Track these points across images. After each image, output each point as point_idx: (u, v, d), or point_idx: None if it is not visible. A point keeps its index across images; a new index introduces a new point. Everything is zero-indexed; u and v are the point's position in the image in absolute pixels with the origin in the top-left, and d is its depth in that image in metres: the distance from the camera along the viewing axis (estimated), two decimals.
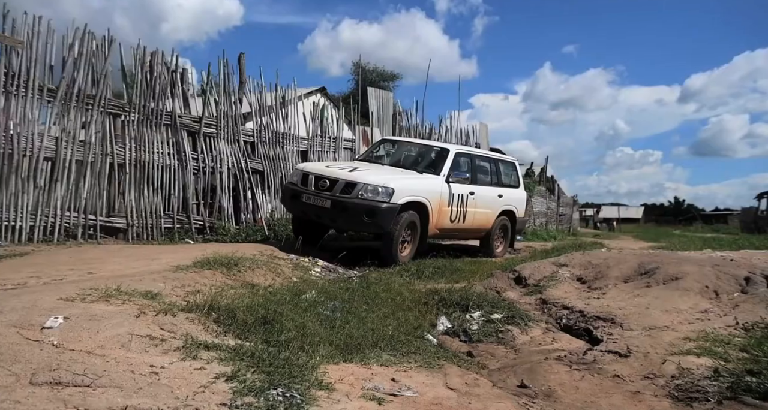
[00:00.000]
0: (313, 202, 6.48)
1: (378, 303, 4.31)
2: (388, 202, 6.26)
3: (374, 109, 11.90)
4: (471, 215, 7.80)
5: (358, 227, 6.75)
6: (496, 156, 9.48)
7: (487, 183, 8.41)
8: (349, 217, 6.31)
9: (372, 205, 6.20)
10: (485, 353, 3.71)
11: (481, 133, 14.93)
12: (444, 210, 7.23)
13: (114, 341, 2.42)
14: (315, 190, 6.49)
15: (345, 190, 6.31)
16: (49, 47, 6.34)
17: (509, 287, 5.58)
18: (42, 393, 1.74)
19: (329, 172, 6.63)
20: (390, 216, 6.32)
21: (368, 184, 6.27)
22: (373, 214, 6.20)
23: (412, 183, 6.90)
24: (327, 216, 6.49)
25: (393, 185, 6.31)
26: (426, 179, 7.19)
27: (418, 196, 6.74)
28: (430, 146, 8.39)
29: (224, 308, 3.28)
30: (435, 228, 7.16)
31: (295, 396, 2.22)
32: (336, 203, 6.29)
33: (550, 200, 20.39)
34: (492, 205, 8.37)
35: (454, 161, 7.58)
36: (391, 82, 22.44)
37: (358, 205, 6.19)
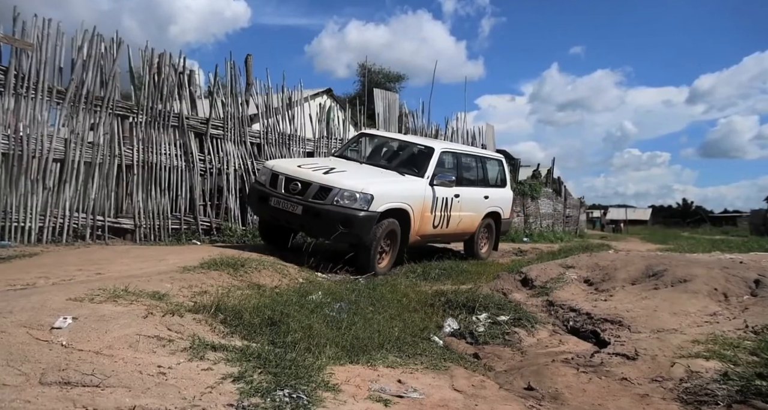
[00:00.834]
0: (283, 206, 5.84)
1: (384, 304, 4.31)
2: (366, 210, 5.64)
3: (380, 110, 11.90)
4: (455, 219, 7.23)
5: (332, 236, 5.90)
6: (482, 153, 8.79)
7: (472, 183, 7.83)
8: (322, 226, 5.71)
9: (348, 214, 5.59)
10: (492, 355, 3.70)
11: (487, 134, 14.90)
12: (426, 217, 6.65)
13: (122, 341, 2.44)
14: (285, 193, 5.86)
15: (319, 195, 5.69)
16: (59, 49, 6.39)
17: (516, 289, 5.56)
18: (51, 393, 1.76)
19: (302, 173, 5.95)
20: (368, 226, 5.70)
21: (345, 190, 5.64)
22: (350, 224, 5.59)
23: (394, 187, 6.27)
24: (297, 223, 5.91)
25: (372, 191, 5.70)
26: (408, 182, 6.55)
27: (399, 202, 6.14)
28: (413, 143, 7.59)
29: (231, 309, 3.29)
30: (416, 235, 6.61)
31: (301, 397, 2.22)
32: (308, 209, 5.68)
33: (557, 202, 20.31)
34: (477, 208, 7.82)
35: (440, 161, 6.97)
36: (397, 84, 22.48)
37: (332, 213, 5.58)
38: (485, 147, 14.66)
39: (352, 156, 7.51)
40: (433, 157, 6.88)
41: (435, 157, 6.88)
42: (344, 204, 5.63)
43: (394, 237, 6.22)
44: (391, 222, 6.04)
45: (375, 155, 7.72)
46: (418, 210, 6.41)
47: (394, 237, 6.22)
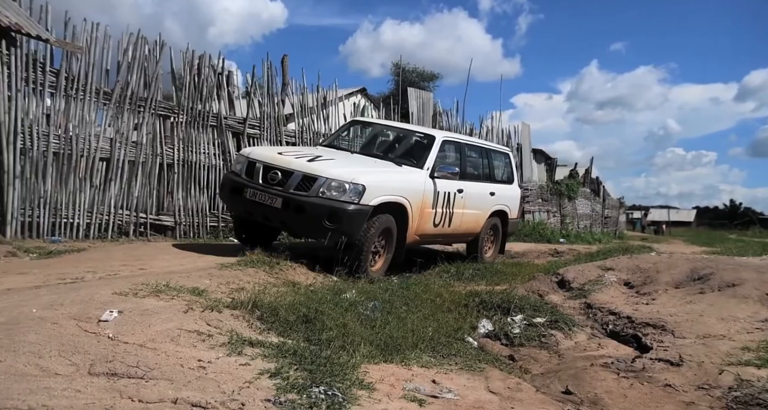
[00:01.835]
0: (260, 199, 5.04)
1: (418, 304, 4.30)
2: (357, 203, 4.88)
3: (414, 109, 11.87)
4: (458, 217, 6.44)
5: (317, 234, 5.15)
6: (488, 145, 7.93)
7: (477, 178, 7.01)
8: (305, 221, 4.93)
9: (336, 207, 4.82)
10: (527, 357, 3.64)
11: (523, 133, 14.66)
12: (427, 213, 5.88)
13: (164, 335, 2.51)
14: (263, 184, 5.08)
15: (302, 186, 4.93)
16: (106, 52, 6.65)
17: (552, 290, 5.45)
18: (99, 383, 1.83)
19: (282, 160, 5.17)
20: (359, 222, 4.94)
21: (332, 179, 4.88)
22: (338, 219, 4.81)
23: (389, 178, 5.51)
24: (277, 219, 5.10)
25: (364, 181, 4.93)
26: (406, 173, 5.77)
27: (395, 195, 5.36)
28: (410, 131, 6.86)
29: (267, 306, 3.35)
30: (415, 234, 5.83)
31: (336, 395, 2.24)
32: (289, 202, 4.90)
33: (595, 202, 19.79)
34: (483, 205, 7.00)
35: (441, 151, 6.19)
36: (431, 83, 22.34)
37: (318, 207, 4.82)
38: (521, 146, 14.43)
39: (342, 146, 6.71)
40: (434, 146, 6.10)
41: (436, 147, 6.10)
42: (331, 196, 4.85)
43: (389, 236, 5.43)
44: (386, 218, 5.26)
45: (369, 145, 6.90)
46: (416, 205, 5.65)
47: (389, 237, 5.43)
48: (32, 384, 1.68)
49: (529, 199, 14.59)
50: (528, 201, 14.54)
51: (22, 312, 2.43)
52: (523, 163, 14.46)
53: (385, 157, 6.15)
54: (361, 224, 4.97)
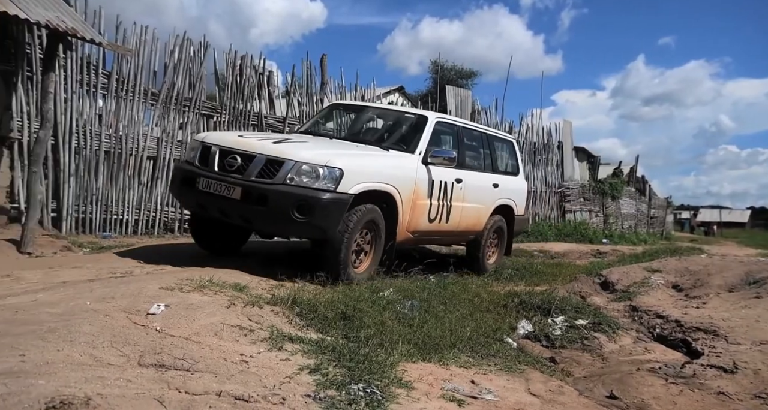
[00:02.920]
0: (214, 189, 4.18)
1: (456, 303, 4.27)
2: (333, 191, 4.04)
3: (452, 107, 11.78)
4: (457, 212, 5.57)
5: (285, 230, 4.35)
6: (489, 131, 6.95)
7: (478, 167, 6.13)
8: (270, 215, 4.04)
9: (307, 196, 3.96)
10: (569, 360, 3.55)
11: (564, 130, 14.30)
12: (420, 205, 5.00)
13: (208, 329, 2.58)
14: (219, 172, 4.24)
15: (265, 172, 4.08)
16: (154, 54, 6.90)
17: (594, 292, 5.31)
18: (148, 374, 1.90)
19: (242, 143, 4.35)
20: (336, 214, 4.09)
21: (302, 162, 4.03)
22: (309, 210, 3.95)
23: (373, 162, 4.66)
24: (236, 213, 4.17)
25: (341, 164, 4.10)
26: (393, 158, 4.92)
27: (380, 182, 4.48)
28: (399, 112, 6.13)
29: (306, 302, 3.39)
30: (407, 230, 4.94)
31: (375, 393, 2.24)
32: (250, 192, 4.04)
33: (640, 202, 19.12)
34: (485, 198, 6.10)
35: (435, 135, 5.37)
36: (470, 80, 22.09)
37: (284, 196, 3.95)
38: (562, 144, 14.09)
39: (322, 133, 5.84)
40: (426, 128, 5.27)
41: (428, 129, 5.28)
42: (301, 182, 4.01)
43: (376, 231, 4.55)
44: (370, 209, 4.39)
45: (353, 131, 6.00)
46: (407, 195, 4.80)
47: (376, 233, 4.56)
48: (87, 373, 1.76)
49: (570, 198, 14.23)
50: (569, 200, 14.18)
51: (77, 304, 2.55)
52: (564, 161, 14.12)
53: (371, 143, 5.23)
54: (338, 216, 4.10)
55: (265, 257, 4.80)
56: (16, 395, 1.49)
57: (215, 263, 4.25)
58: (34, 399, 1.48)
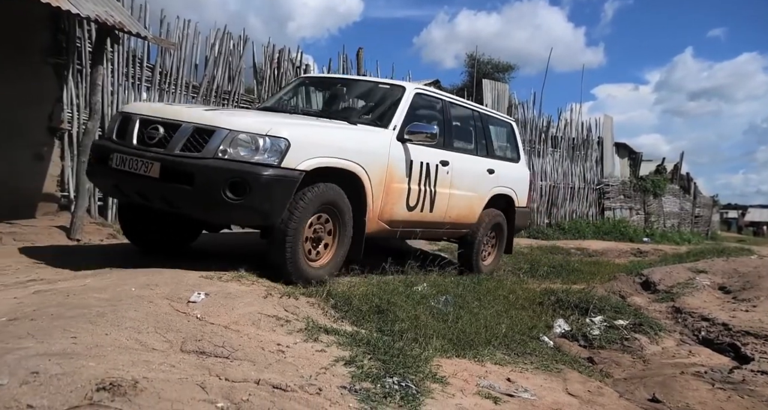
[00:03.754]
0: (130, 166, 3.40)
1: (490, 300, 4.23)
2: (276, 166, 3.28)
3: (488, 101, 11.61)
4: (443, 200, 4.77)
5: (216, 214, 3.51)
6: (484, 110, 5.97)
7: (469, 150, 5.33)
8: (196, 196, 3.23)
9: (243, 171, 3.20)
10: (608, 361, 3.47)
11: (604, 125, 13.90)
12: (396, 189, 4.22)
13: (246, 318, 2.63)
14: (138, 146, 3.47)
15: (192, 144, 3.32)
16: (195, 48, 7.05)
17: (635, 292, 5.16)
18: (190, 360, 1.95)
19: (167, 111, 3.63)
20: (280, 194, 3.31)
21: (238, 131, 3.28)
22: (245, 189, 3.19)
23: (331, 134, 3.86)
24: (157, 194, 3.39)
25: (288, 134, 3.35)
26: (360, 131, 4.14)
27: (341, 157, 3.71)
28: (372, 83, 5.29)
29: (341, 295, 3.41)
30: (380, 219, 4.17)
31: (410, 387, 2.24)
32: (171, 168, 3.28)
33: (684, 200, 18.42)
34: (478, 186, 5.26)
35: (414, 108, 4.55)
36: (507, 74, 21.67)
37: (214, 172, 3.19)
38: (602, 140, 13.70)
39: (282, 109, 4.97)
40: (403, 99, 4.48)
41: (406, 101, 4.49)
42: (236, 156, 3.25)
43: (338, 218, 3.78)
44: (329, 189, 3.63)
45: (322, 107, 5.27)
46: (378, 176, 4.03)
47: (338, 219, 3.78)
48: (134, 357, 1.82)
49: (609, 195, 13.85)
50: (608, 197, 13.80)
51: (123, 290, 2.64)
52: (604, 157, 13.74)
53: (338, 117, 4.46)
54: (283, 198, 3.33)
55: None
56: (69, 375, 1.55)
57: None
58: (86, 380, 1.54)
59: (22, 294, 2.57)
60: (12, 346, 1.73)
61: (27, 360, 1.61)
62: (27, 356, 1.64)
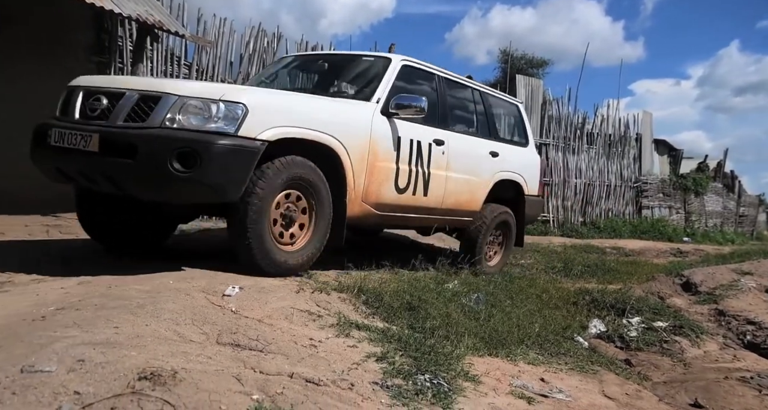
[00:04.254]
0: (69, 142, 3.00)
1: (523, 298, 4.17)
2: (232, 135, 2.91)
3: (522, 97, 11.41)
4: (439, 183, 4.34)
5: (164, 191, 2.97)
6: (485, 89, 5.50)
7: (469, 130, 4.91)
8: (140, 170, 2.82)
9: (192, 140, 2.83)
10: (647, 363, 3.37)
11: (643, 122, 13.49)
12: (382, 168, 3.84)
13: (279, 313, 2.66)
14: (80, 120, 3.10)
15: (137, 113, 2.94)
16: (230, 45, 7.18)
17: (675, 293, 5.00)
18: (226, 352, 1.99)
19: (112, 80, 3.40)
20: (237, 166, 2.92)
21: (188, 97, 2.91)
22: (195, 160, 2.79)
23: (300, 102, 3.50)
24: (98, 172, 2.95)
25: (246, 99, 2.99)
26: (337, 102, 3.80)
27: (312, 128, 3.31)
28: (356, 56, 4.74)
29: (372, 291, 3.42)
30: (363, 200, 3.78)
31: (442, 384, 2.23)
32: (111, 139, 2.89)
33: (728, 199, 17.71)
34: (479, 169, 4.77)
35: (402, 80, 4.16)
36: (541, 69, 21.27)
37: (159, 141, 2.81)
38: (640, 136, 13.31)
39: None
40: (389, 71, 4.09)
41: (392, 72, 4.09)
42: (186, 124, 2.88)
43: (313, 196, 3.36)
44: (299, 164, 3.22)
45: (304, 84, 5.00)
46: (360, 152, 3.65)
47: (313, 198, 3.36)
48: (173, 348, 1.87)
49: (647, 193, 13.44)
50: (646, 195, 13.40)
51: (162, 283, 2.72)
52: (642, 154, 13.34)
53: (317, 92, 4.11)
54: (241, 171, 2.93)
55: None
56: (112, 364, 1.61)
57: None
58: (128, 369, 1.59)
59: (68, 284, 2.68)
60: (59, 335, 1.80)
61: (73, 348, 1.67)
62: (73, 344, 1.71)
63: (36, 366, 1.53)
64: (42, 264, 3.15)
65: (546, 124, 11.65)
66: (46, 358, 1.58)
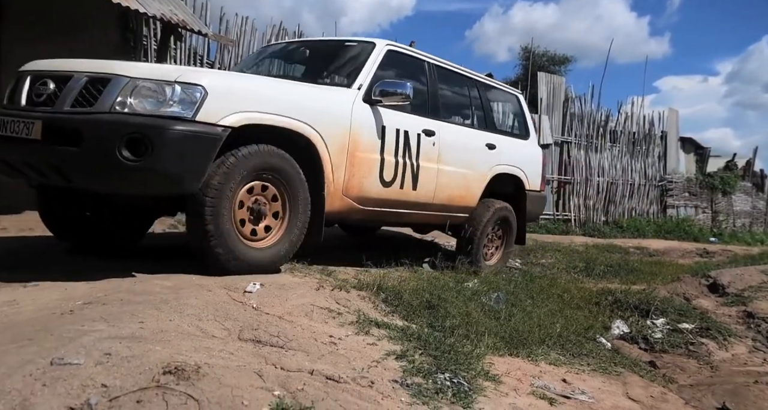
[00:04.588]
0: (12, 130, 2.77)
1: (543, 298, 4.12)
2: (189, 119, 2.67)
3: (543, 95, 11.28)
4: (430, 176, 4.12)
5: (113, 182, 2.71)
6: (481, 77, 5.12)
7: (463, 121, 4.74)
8: (86, 158, 2.59)
9: (144, 125, 2.60)
10: (672, 365, 3.30)
11: (669, 119, 13.22)
12: (364, 160, 3.61)
13: (299, 310, 2.68)
14: (25, 106, 2.88)
15: (84, 97, 2.70)
16: (252, 44, 7.24)
17: (701, 294, 4.89)
18: (247, 348, 2.02)
19: (60, 64, 2.98)
20: (194, 154, 2.68)
21: (139, 79, 2.67)
22: (147, 147, 2.57)
23: (268, 86, 3.25)
24: (43, 162, 2.72)
25: (206, 82, 2.75)
26: (313, 88, 3.55)
27: (283, 114, 3.05)
28: (339, 42, 4.55)
29: (391, 289, 3.41)
30: (344, 194, 3.56)
31: (462, 384, 2.22)
32: (54, 126, 2.68)
33: (757, 198, 17.23)
34: (475, 162, 4.54)
35: (387, 67, 3.92)
36: (563, 66, 20.98)
37: (106, 127, 2.58)
38: (665, 134, 13.04)
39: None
40: (372, 56, 3.83)
41: (376, 57, 3.84)
42: (138, 108, 2.64)
43: (286, 189, 3.12)
44: (268, 153, 2.98)
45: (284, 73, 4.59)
46: (338, 142, 3.41)
47: (287, 191, 3.13)
48: (196, 343, 1.90)
49: (673, 192, 13.17)
50: (671, 194, 13.13)
51: (184, 279, 2.76)
52: (667, 152, 13.07)
53: (299, 80, 3.98)
54: (200, 159, 2.69)
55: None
56: (138, 358, 1.64)
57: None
58: (153, 363, 1.62)
59: (94, 279, 2.74)
60: (87, 328, 1.84)
61: (100, 342, 1.71)
62: (100, 338, 1.74)
63: (65, 358, 1.57)
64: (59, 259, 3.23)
65: (568, 122, 11.50)
66: (75, 351, 1.62)
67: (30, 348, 1.64)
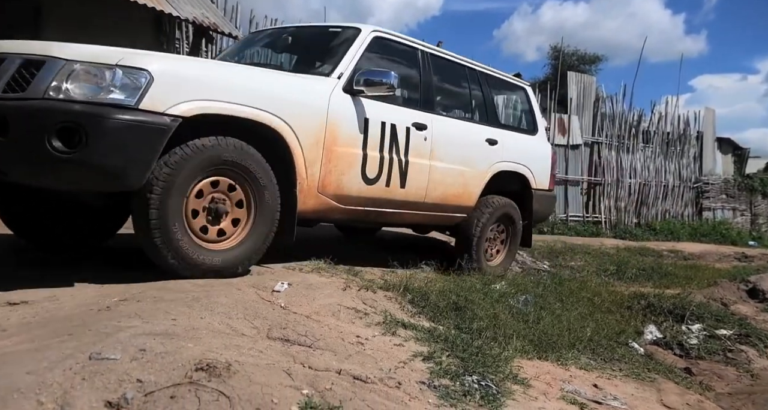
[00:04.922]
0: None
1: (573, 301, 4.05)
2: (131, 108, 2.42)
3: (573, 95, 11.09)
4: (421, 173, 3.85)
5: (43, 175, 2.44)
6: (485, 68, 4.73)
7: (460, 114, 4.48)
8: (11, 148, 2.36)
9: (77, 113, 2.34)
10: (709, 373, 3.20)
11: (705, 119, 12.82)
12: (343, 154, 3.35)
13: (326, 309, 2.70)
14: None
15: (16, 82, 2.44)
16: None
17: (740, 300, 4.73)
18: (276, 347, 2.04)
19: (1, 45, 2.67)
20: (138, 146, 2.44)
21: (77, 62, 2.41)
22: (80, 137, 2.32)
23: (227, 72, 2.98)
24: None
25: (153, 67, 2.49)
26: (284, 76, 3.34)
27: (245, 104, 2.79)
28: (322, 28, 4.34)
29: (417, 290, 3.41)
30: (320, 192, 3.30)
31: (490, 386, 2.19)
32: None
33: None
34: (473, 158, 4.25)
35: (373, 54, 3.64)
36: (594, 66, 20.59)
37: (35, 114, 2.33)
38: (701, 134, 12.65)
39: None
40: (356, 43, 3.56)
41: (359, 45, 3.56)
42: (74, 94, 2.38)
43: (252, 187, 2.86)
44: (227, 146, 2.72)
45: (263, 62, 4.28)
46: (312, 135, 3.15)
47: (252, 188, 2.87)
48: (226, 341, 1.94)
49: (709, 194, 12.76)
50: (707, 196, 12.73)
51: None
52: (703, 153, 12.68)
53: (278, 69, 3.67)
54: (145, 152, 2.45)
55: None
56: (171, 354, 1.68)
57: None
58: (185, 359, 1.66)
59: (129, 276, 2.81)
60: (123, 324, 1.89)
61: (136, 338, 1.76)
62: (136, 334, 1.79)
63: (102, 353, 1.62)
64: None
65: (599, 122, 11.28)
66: (112, 347, 1.67)
67: (70, 343, 1.70)
